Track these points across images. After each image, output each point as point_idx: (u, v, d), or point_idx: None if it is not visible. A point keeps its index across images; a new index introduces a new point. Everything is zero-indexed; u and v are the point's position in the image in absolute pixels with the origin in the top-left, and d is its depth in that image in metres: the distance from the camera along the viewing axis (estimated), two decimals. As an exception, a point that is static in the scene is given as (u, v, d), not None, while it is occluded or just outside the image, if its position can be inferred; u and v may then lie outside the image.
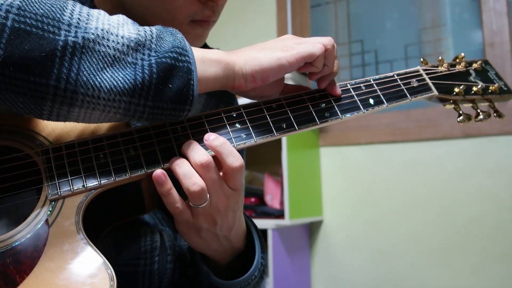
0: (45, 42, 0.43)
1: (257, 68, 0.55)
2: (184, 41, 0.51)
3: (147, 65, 0.47)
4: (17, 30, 0.43)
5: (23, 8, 0.44)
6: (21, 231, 0.48)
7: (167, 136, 0.54)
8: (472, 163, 1.82)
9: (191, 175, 0.51)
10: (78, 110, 0.47)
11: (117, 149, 0.53)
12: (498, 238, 1.75)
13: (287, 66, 0.55)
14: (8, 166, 0.52)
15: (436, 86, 0.69)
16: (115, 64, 0.46)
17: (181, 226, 0.57)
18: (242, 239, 0.63)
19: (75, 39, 0.44)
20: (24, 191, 0.52)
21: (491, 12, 1.90)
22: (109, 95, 0.46)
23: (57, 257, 0.46)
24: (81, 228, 0.48)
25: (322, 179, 2.14)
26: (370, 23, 2.22)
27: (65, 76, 0.44)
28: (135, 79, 0.46)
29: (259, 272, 0.64)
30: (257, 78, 0.55)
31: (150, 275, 0.64)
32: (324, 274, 2.09)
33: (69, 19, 0.45)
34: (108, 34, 0.46)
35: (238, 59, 0.55)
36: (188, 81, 0.49)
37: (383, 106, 0.63)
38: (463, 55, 0.77)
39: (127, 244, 0.63)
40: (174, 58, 0.48)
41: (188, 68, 0.49)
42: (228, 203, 0.54)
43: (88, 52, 0.45)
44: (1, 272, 0.45)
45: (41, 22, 0.44)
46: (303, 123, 0.59)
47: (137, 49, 0.47)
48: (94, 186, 0.51)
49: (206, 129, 0.56)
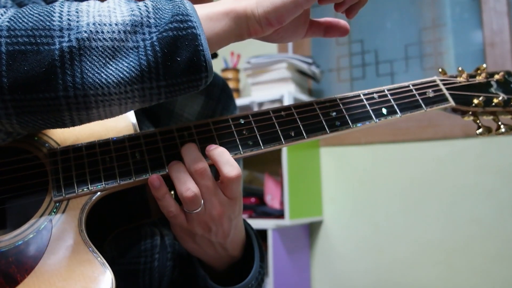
0: (41, 56, 0.42)
1: (270, 9, 0.50)
2: (184, 4, 0.47)
3: (149, 44, 0.45)
4: (12, 53, 0.42)
5: (13, 27, 0.43)
6: (25, 231, 0.48)
7: (173, 142, 0.54)
8: (472, 163, 1.82)
9: (185, 181, 0.50)
10: (96, 110, 0.46)
11: (124, 153, 0.53)
12: (498, 238, 1.75)
13: (303, 1, 0.49)
14: (17, 167, 0.52)
15: (453, 96, 0.66)
16: (116, 54, 0.44)
17: (176, 230, 0.57)
18: (239, 247, 0.63)
19: (70, 43, 0.43)
20: (30, 192, 0.52)
21: (491, 12, 1.90)
22: (119, 89, 0.45)
23: (59, 258, 0.46)
24: (83, 230, 0.48)
25: (322, 179, 2.14)
26: (370, 23, 2.22)
27: (71, 83, 0.43)
28: (139, 64, 0.45)
29: (256, 281, 0.64)
30: (272, 20, 0.50)
31: (150, 273, 0.65)
32: (324, 274, 2.09)
33: (59, 23, 0.44)
34: (101, 27, 0.44)
35: (249, 2, 0.51)
36: (196, 48, 0.46)
37: (396, 116, 0.62)
38: (485, 66, 0.74)
39: (128, 243, 0.64)
40: (176, 28, 0.45)
41: (193, 35, 0.46)
42: (223, 211, 0.54)
43: (86, 52, 0.44)
44: (3, 270, 0.45)
45: (33, 37, 0.43)
46: (312, 132, 0.58)
47: (135, 30, 0.45)
48: (99, 189, 0.51)
49: (213, 136, 0.55)
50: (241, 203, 0.57)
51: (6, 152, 0.53)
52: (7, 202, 0.53)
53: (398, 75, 2.13)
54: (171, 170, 0.51)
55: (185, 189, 0.50)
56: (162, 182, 0.50)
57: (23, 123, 0.45)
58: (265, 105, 2.01)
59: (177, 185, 0.50)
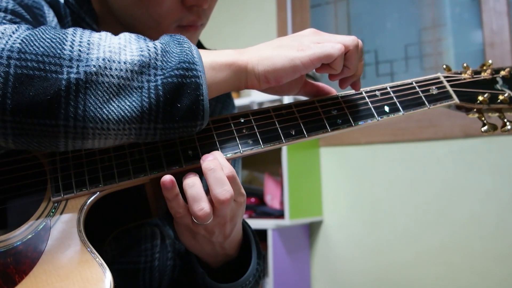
0: (48, 84, 0.43)
1: (270, 69, 0.52)
2: (192, 51, 0.49)
3: (153, 87, 0.46)
4: (20, 76, 0.43)
5: (24, 50, 0.44)
6: (24, 231, 0.48)
7: (172, 141, 0.54)
8: (472, 163, 1.82)
9: (200, 199, 0.50)
10: (92, 141, 0.47)
11: (122, 152, 0.53)
12: (498, 238, 1.75)
13: (301, 67, 0.52)
14: (16, 167, 0.52)
15: (457, 93, 0.65)
16: (120, 92, 0.45)
17: (178, 227, 0.57)
18: (236, 246, 0.63)
19: (77, 75, 0.44)
20: (29, 192, 0.52)
21: (491, 12, 1.90)
22: (118, 125, 0.46)
23: (57, 258, 0.46)
24: (82, 230, 0.48)
25: (322, 179, 2.14)
26: (370, 23, 2.22)
27: (73, 114, 0.44)
28: (141, 105, 0.46)
29: (254, 278, 0.64)
30: (270, 79, 0.53)
31: (150, 272, 0.65)
32: (324, 274, 2.09)
33: (69, 53, 0.45)
34: (110, 63, 0.45)
35: (251, 58, 0.53)
36: (197, 98, 0.47)
37: (399, 114, 0.60)
38: (491, 62, 0.72)
39: (129, 243, 0.64)
40: (181, 76, 0.47)
41: (196, 84, 0.47)
42: (229, 217, 0.54)
43: (92, 86, 0.44)
44: (1, 271, 0.45)
45: (42, 63, 0.44)
46: (313, 130, 0.57)
47: (141, 71, 0.46)
48: (97, 189, 0.51)
49: (213, 134, 0.55)
50: (244, 207, 0.57)
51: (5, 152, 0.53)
52: (6, 201, 0.53)
53: (398, 75, 2.13)
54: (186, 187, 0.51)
55: (198, 209, 0.50)
56: (175, 183, 0.50)
57: (18, 143, 0.46)
58: (265, 105, 2.00)
59: (191, 203, 0.50)
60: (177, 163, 0.53)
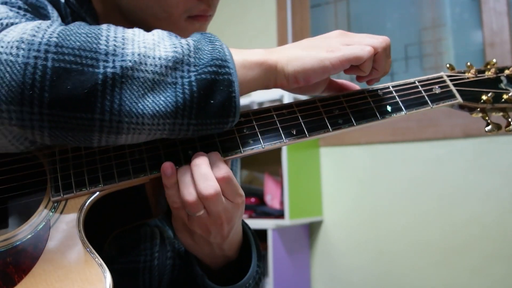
0: (85, 77, 0.44)
1: (300, 69, 0.53)
2: (223, 49, 0.50)
3: (187, 83, 0.46)
4: (57, 69, 0.43)
5: (60, 44, 0.44)
6: (23, 231, 0.48)
7: (171, 141, 0.54)
8: (472, 163, 1.82)
9: (189, 185, 0.51)
10: (125, 136, 0.47)
11: (122, 152, 0.53)
12: (498, 238, 1.75)
13: (330, 68, 0.53)
14: (16, 166, 0.52)
15: (460, 93, 0.64)
16: (155, 87, 0.46)
17: (176, 223, 0.57)
18: (236, 247, 0.63)
19: (114, 69, 0.44)
20: (29, 191, 0.52)
21: (491, 12, 1.90)
22: (152, 120, 0.46)
23: (56, 258, 0.46)
24: (81, 230, 0.48)
25: (322, 179, 2.14)
26: (370, 23, 2.22)
27: (109, 108, 0.44)
28: (176, 101, 0.46)
29: (254, 280, 0.64)
30: (299, 79, 0.53)
31: (150, 271, 0.65)
32: (324, 274, 2.09)
33: (105, 48, 0.45)
34: (145, 58, 0.46)
35: (280, 58, 0.54)
36: (230, 94, 0.48)
37: (401, 114, 0.60)
38: (495, 61, 0.71)
39: (129, 242, 0.64)
40: (214, 72, 0.47)
41: (228, 81, 0.48)
42: (225, 217, 0.54)
43: (128, 81, 0.45)
44: (1, 271, 0.45)
45: (79, 57, 0.44)
46: (314, 130, 0.56)
47: (175, 67, 0.47)
48: (97, 188, 0.51)
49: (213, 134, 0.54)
50: (243, 207, 0.57)
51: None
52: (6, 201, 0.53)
53: (398, 75, 2.13)
54: (178, 172, 0.52)
55: (187, 193, 0.50)
56: (174, 171, 0.51)
57: (53, 137, 0.46)
58: (265, 105, 2.00)
59: (181, 188, 0.51)
60: (177, 163, 0.52)
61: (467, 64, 0.70)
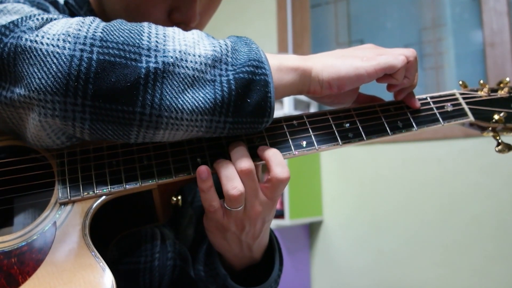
0: (128, 71, 0.45)
1: (334, 75, 0.54)
2: (259, 52, 0.51)
3: (225, 81, 0.48)
4: (102, 62, 0.44)
5: (105, 38, 0.45)
6: (29, 231, 0.48)
7: (181, 148, 0.54)
8: (472, 163, 1.83)
9: (233, 178, 0.51)
10: (163, 132, 0.48)
11: (131, 157, 0.53)
12: (498, 238, 1.75)
13: (365, 76, 0.54)
14: (24, 167, 0.52)
15: (472, 111, 0.64)
16: (195, 84, 0.47)
17: (209, 224, 0.57)
18: (262, 251, 0.64)
19: (156, 64, 0.45)
20: (37, 193, 0.52)
21: (491, 12, 1.90)
22: (191, 116, 0.47)
23: (61, 261, 0.46)
24: (87, 234, 0.48)
25: (322, 179, 2.14)
26: (370, 23, 2.22)
27: (150, 102, 0.45)
28: (215, 97, 0.47)
29: (276, 283, 0.65)
30: (333, 85, 0.54)
31: (150, 272, 0.65)
32: (324, 274, 2.09)
33: (147, 43, 0.46)
34: (186, 55, 0.47)
35: (315, 65, 0.55)
36: (266, 94, 0.49)
37: (412, 130, 0.60)
38: (508, 80, 0.70)
39: (129, 244, 0.64)
40: (251, 72, 0.48)
41: (265, 81, 0.49)
42: (260, 212, 0.54)
43: (169, 76, 0.46)
44: (5, 271, 0.45)
45: (123, 51, 0.45)
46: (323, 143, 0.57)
47: (214, 65, 0.48)
48: (104, 192, 0.51)
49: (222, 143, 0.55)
50: (275, 207, 0.58)
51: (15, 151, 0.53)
52: (14, 201, 0.53)
53: (398, 75, 2.13)
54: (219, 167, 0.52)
55: (232, 187, 0.51)
56: (210, 174, 0.51)
57: (93, 130, 0.47)
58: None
59: (224, 181, 0.51)
60: (185, 170, 0.52)
61: (480, 82, 0.70)
